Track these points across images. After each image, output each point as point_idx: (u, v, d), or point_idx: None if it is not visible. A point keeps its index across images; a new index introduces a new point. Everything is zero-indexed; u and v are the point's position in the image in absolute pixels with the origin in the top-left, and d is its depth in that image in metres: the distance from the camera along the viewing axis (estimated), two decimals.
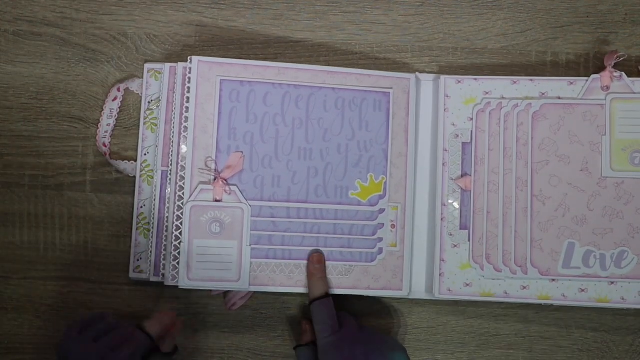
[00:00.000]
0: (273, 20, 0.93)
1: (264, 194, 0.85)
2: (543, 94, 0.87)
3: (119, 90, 0.90)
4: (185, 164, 0.84)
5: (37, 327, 0.89)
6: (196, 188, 0.84)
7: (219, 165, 0.84)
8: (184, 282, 0.84)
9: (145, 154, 0.89)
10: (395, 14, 0.93)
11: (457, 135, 0.88)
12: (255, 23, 0.92)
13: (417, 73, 0.90)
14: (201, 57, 0.85)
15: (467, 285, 0.86)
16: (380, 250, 0.87)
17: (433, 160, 0.89)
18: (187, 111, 0.84)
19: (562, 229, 0.86)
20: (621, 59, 0.87)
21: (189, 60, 0.85)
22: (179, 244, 0.84)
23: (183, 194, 0.84)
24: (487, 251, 0.86)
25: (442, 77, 0.89)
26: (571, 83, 0.87)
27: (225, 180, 0.83)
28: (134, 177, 0.89)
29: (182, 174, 0.84)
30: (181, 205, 0.84)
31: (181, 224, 0.84)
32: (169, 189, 0.86)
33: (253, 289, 0.85)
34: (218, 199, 0.84)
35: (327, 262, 0.86)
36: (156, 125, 0.89)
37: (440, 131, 0.88)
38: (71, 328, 0.77)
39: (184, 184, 0.84)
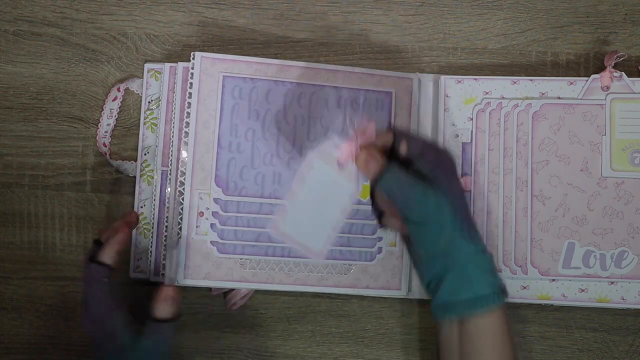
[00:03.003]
0: (273, 20, 0.93)
1: (264, 191, 0.85)
2: (543, 94, 0.87)
3: (119, 90, 0.90)
4: (186, 160, 0.84)
5: (37, 327, 0.89)
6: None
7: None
8: (182, 281, 0.84)
9: (145, 154, 0.89)
10: (395, 14, 0.93)
11: (457, 135, 0.88)
12: (255, 23, 0.93)
13: (417, 73, 0.90)
14: (204, 52, 0.85)
15: None
16: (380, 250, 0.87)
17: None
18: (189, 107, 0.84)
19: (562, 229, 0.86)
20: (621, 59, 0.88)
21: (191, 56, 0.85)
22: (179, 240, 0.84)
23: (184, 189, 0.84)
24: None
25: (442, 77, 0.89)
26: (571, 83, 0.87)
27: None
28: (134, 177, 0.89)
29: (182, 169, 0.84)
30: (181, 201, 0.84)
31: (181, 219, 0.84)
32: (169, 189, 0.86)
33: (252, 286, 0.85)
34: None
35: (326, 260, 0.86)
36: (156, 125, 0.89)
37: (440, 131, 0.88)
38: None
39: (184, 179, 0.84)
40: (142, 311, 0.79)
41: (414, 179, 0.72)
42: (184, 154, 0.84)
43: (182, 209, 0.84)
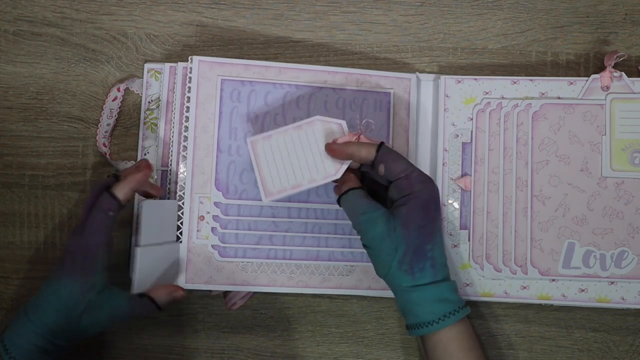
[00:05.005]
0: (273, 20, 0.93)
1: None
2: (543, 94, 0.87)
3: (119, 90, 0.90)
4: (185, 163, 0.84)
5: None
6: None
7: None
8: (184, 285, 0.84)
9: (145, 154, 0.89)
10: (395, 14, 0.93)
11: (457, 135, 0.88)
12: (255, 23, 0.92)
13: (417, 73, 0.90)
14: (202, 56, 0.85)
15: (467, 285, 0.86)
16: None
17: (433, 160, 0.89)
18: (187, 111, 0.84)
19: (562, 229, 0.86)
20: (621, 59, 0.88)
21: (189, 60, 0.85)
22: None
23: (184, 193, 0.84)
24: (487, 251, 0.86)
25: (442, 77, 0.89)
26: (571, 83, 0.87)
27: None
28: None
29: (182, 173, 0.84)
30: (181, 205, 0.84)
31: (181, 224, 0.84)
32: (169, 188, 0.86)
33: (254, 289, 0.86)
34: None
35: (328, 262, 0.86)
36: (156, 125, 0.89)
37: (440, 131, 0.88)
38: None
39: (184, 183, 0.84)
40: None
41: (370, 204, 0.78)
42: (183, 158, 0.84)
43: (182, 213, 0.84)
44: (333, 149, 0.78)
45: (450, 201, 0.87)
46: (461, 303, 0.78)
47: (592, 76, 0.87)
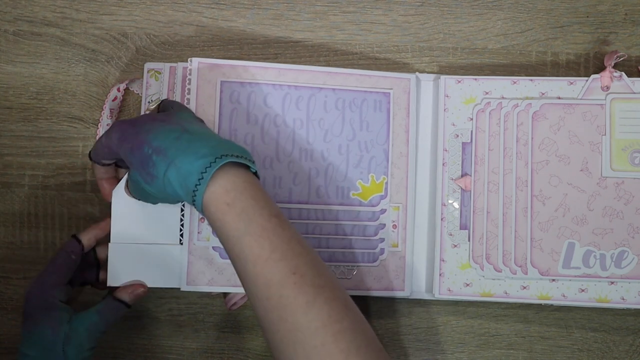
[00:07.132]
0: (273, 20, 0.93)
1: None
2: (543, 94, 0.87)
3: (119, 90, 0.90)
4: None
5: None
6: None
7: None
8: (185, 287, 0.83)
9: None
10: (395, 14, 0.93)
11: (457, 135, 0.88)
12: (255, 23, 0.92)
13: (417, 73, 0.90)
14: (201, 58, 0.85)
15: (467, 285, 0.86)
16: (382, 251, 0.87)
17: (433, 160, 0.89)
18: None
19: (562, 229, 0.86)
20: (621, 59, 0.88)
21: (189, 62, 0.84)
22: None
23: None
24: (487, 251, 0.86)
25: (442, 77, 0.89)
26: (571, 83, 0.87)
27: None
28: None
29: None
30: (182, 208, 0.84)
31: (182, 226, 0.84)
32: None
33: None
34: None
35: (328, 263, 0.86)
36: None
37: (440, 131, 0.88)
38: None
39: None
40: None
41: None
42: None
43: (183, 215, 0.84)
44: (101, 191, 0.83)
45: (450, 201, 0.87)
46: (204, 167, 0.70)
47: (592, 76, 0.87)
